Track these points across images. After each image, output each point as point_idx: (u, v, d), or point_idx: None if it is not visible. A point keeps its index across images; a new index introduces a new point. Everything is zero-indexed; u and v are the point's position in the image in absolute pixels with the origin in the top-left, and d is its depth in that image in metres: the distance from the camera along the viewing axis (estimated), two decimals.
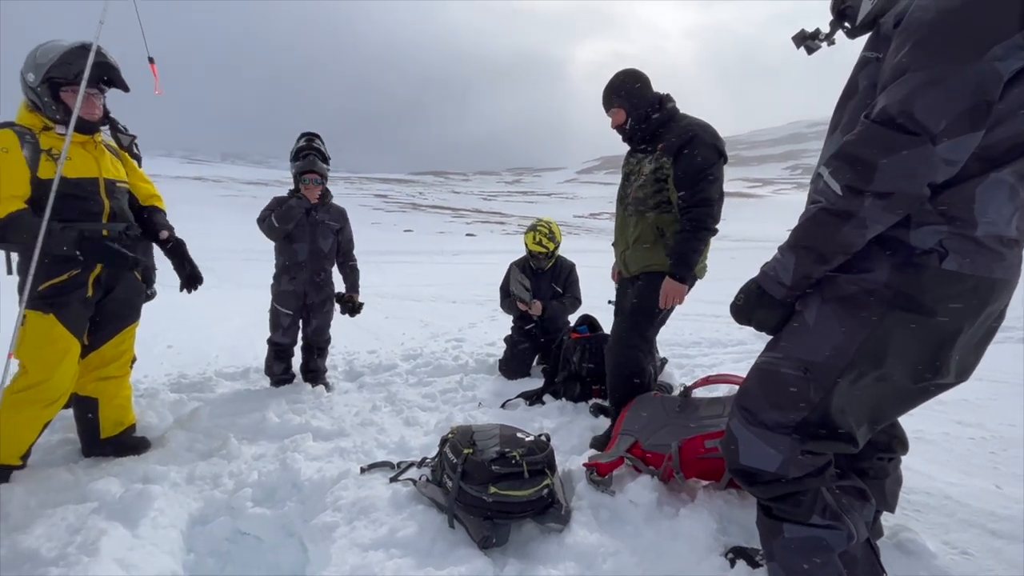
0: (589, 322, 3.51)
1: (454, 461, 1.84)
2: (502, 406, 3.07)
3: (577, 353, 3.14)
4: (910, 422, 1.54)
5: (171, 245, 2.56)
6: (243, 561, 1.88)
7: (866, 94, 1.23)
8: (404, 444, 2.49)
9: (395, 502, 1.91)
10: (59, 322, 2.14)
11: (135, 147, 2.83)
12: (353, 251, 3.69)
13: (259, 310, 4.06)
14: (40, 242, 1.97)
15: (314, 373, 3.56)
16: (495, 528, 1.71)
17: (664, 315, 2.46)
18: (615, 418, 2.37)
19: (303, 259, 3.37)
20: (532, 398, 3.12)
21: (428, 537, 1.72)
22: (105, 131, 2.39)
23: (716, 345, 4.82)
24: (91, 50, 2.06)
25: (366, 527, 1.79)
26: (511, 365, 3.68)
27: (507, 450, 1.81)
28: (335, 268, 3.62)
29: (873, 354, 1.19)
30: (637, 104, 2.37)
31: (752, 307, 1.35)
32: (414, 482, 2.00)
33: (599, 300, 2.93)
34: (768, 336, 1.39)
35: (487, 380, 3.60)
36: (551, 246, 3.81)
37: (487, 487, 1.74)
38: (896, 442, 1.55)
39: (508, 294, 3.92)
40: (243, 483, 2.17)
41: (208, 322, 5.90)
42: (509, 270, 3.95)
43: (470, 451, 1.83)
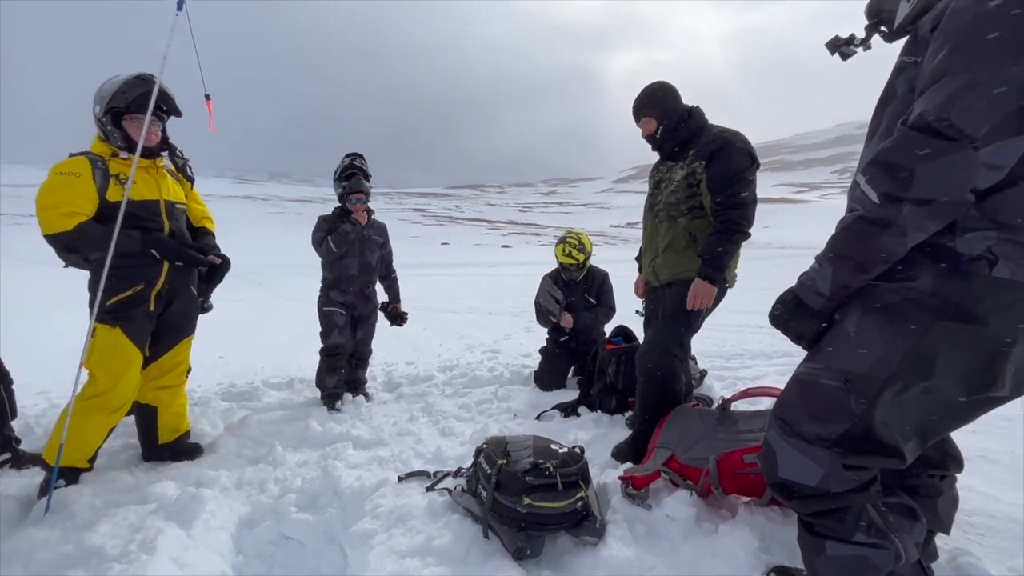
0: (624, 333, 3.48)
1: (488, 471, 1.86)
2: (537, 418, 3.07)
3: (612, 364, 3.12)
4: (974, 440, 1.46)
5: (212, 269, 2.67)
6: (287, 564, 1.95)
7: (904, 99, 1.20)
8: (440, 454, 2.54)
9: (431, 511, 1.94)
10: (124, 335, 2.31)
11: (188, 169, 3.03)
12: (393, 263, 3.83)
13: (302, 322, 4.24)
14: (110, 257, 2.13)
15: (355, 383, 3.68)
16: (529, 539, 1.71)
17: (698, 322, 2.43)
18: (640, 428, 2.34)
19: (354, 272, 3.51)
20: (567, 410, 3.12)
21: (463, 546, 1.74)
22: (165, 155, 2.58)
23: (759, 357, 4.67)
24: (151, 82, 2.25)
25: (403, 535, 1.83)
26: (546, 377, 3.68)
27: (541, 461, 1.82)
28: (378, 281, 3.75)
29: (919, 365, 1.15)
30: (667, 113, 2.39)
31: (789, 318, 1.32)
32: (450, 492, 2.03)
33: (635, 309, 2.92)
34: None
35: (522, 391, 3.61)
36: (581, 257, 3.81)
37: (521, 498, 1.75)
38: (949, 459, 1.46)
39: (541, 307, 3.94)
40: (287, 489, 2.26)
41: (256, 334, 6.18)
42: (542, 282, 3.97)
43: (504, 462, 1.85)
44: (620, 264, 9.58)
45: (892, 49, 1.39)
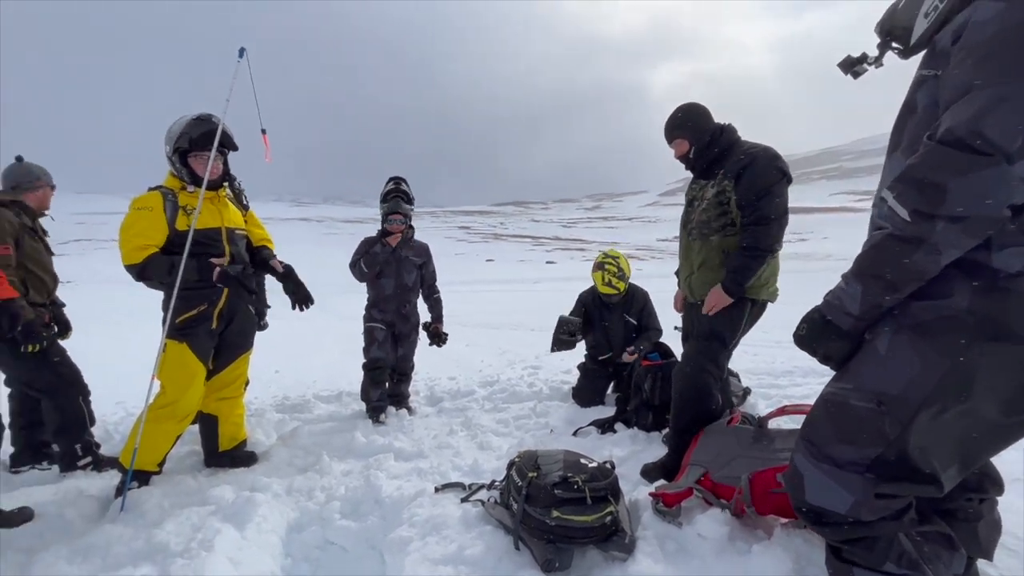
0: (661, 349, 3.45)
1: (519, 484, 1.91)
2: (574, 434, 3.09)
3: (648, 381, 3.10)
4: (1020, 460, 1.38)
5: (284, 272, 2.90)
6: (330, 568, 2.06)
7: (926, 113, 1.19)
8: (477, 467, 2.60)
9: (465, 521, 2.01)
10: (190, 349, 2.55)
11: (244, 197, 3.32)
12: (436, 283, 3.94)
13: (352, 338, 4.44)
14: (179, 279, 2.38)
15: (398, 397, 3.82)
16: (558, 552, 1.74)
17: (734, 340, 2.41)
18: (674, 445, 2.32)
19: (390, 292, 3.67)
20: (604, 426, 3.12)
21: (494, 557, 1.79)
22: (226, 185, 2.84)
23: (810, 375, 4.47)
24: (210, 121, 2.52)
25: (437, 543, 1.90)
26: (584, 393, 3.69)
27: (570, 475, 1.85)
28: (420, 300, 3.89)
29: (957, 386, 1.11)
30: (699, 134, 2.41)
31: (816, 338, 1.30)
32: (483, 503, 2.09)
33: (673, 325, 2.91)
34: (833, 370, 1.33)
35: (560, 407, 3.64)
36: (622, 286, 3.75)
37: (550, 511, 1.78)
38: (987, 481, 1.39)
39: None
40: (332, 496, 2.39)
41: (309, 350, 6.51)
42: (575, 304, 3.95)
43: (534, 475, 1.89)
44: (667, 279, 9.42)
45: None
